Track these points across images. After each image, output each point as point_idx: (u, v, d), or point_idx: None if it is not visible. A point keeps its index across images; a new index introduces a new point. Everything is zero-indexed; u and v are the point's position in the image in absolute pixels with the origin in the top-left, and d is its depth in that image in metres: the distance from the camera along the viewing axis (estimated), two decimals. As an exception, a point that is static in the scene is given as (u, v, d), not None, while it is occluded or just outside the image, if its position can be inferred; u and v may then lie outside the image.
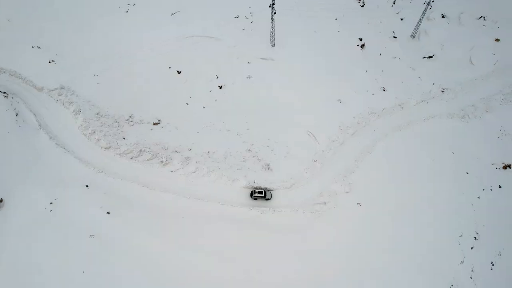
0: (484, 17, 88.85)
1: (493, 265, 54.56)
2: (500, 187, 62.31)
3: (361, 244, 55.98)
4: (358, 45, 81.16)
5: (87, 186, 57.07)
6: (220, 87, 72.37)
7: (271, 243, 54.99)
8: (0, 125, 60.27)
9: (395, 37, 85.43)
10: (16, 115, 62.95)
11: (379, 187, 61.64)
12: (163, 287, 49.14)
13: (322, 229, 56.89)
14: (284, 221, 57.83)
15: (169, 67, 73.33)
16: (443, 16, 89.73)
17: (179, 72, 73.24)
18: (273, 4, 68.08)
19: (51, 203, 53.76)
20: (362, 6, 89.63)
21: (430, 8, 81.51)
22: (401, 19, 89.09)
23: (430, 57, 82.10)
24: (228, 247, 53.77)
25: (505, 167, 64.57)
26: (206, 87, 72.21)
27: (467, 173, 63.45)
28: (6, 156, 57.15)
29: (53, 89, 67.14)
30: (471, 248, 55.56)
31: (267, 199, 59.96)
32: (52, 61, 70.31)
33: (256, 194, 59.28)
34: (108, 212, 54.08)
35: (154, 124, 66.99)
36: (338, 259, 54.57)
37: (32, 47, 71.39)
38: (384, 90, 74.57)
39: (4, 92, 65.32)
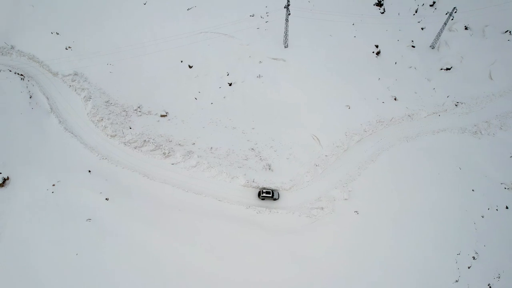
0: (510, 32, 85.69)
1: (490, 287, 52.79)
2: (507, 207, 60.26)
3: (357, 253, 55.16)
4: (373, 52, 79.69)
5: (89, 171, 58.25)
6: (230, 84, 72.59)
7: (266, 243, 54.86)
8: (13, 106, 62.16)
9: (413, 46, 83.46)
10: (30, 97, 64.83)
11: (380, 197, 60.57)
12: (154, 277, 49.67)
13: (317, 234, 56.43)
14: (280, 222, 57.61)
15: (181, 61, 73.99)
16: (466, 28, 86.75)
17: (190, 67, 73.85)
18: (288, 5, 67.65)
19: (53, 185, 55.04)
20: (382, 13, 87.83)
21: (453, 19, 79.20)
22: (422, 29, 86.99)
23: (448, 69, 79.87)
24: (223, 244, 53.89)
25: (514, 188, 62.41)
26: (216, 83, 72.53)
27: (472, 190, 61.54)
28: (16, 136, 58.76)
29: (67, 75, 68.70)
30: (468, 268, 53.92)
31: (275, 199, 59.89)
32: (69, 47, 72.06)
33: (264, 194, 59.20)
34: (107, 199, 54.93)
35: (162, 116, 67.84)
36: (333, 265, 54.01)
37: (51, 33, 73.29)
38: (395, 99, 73.01)
39: (21, 75, 67.55)
